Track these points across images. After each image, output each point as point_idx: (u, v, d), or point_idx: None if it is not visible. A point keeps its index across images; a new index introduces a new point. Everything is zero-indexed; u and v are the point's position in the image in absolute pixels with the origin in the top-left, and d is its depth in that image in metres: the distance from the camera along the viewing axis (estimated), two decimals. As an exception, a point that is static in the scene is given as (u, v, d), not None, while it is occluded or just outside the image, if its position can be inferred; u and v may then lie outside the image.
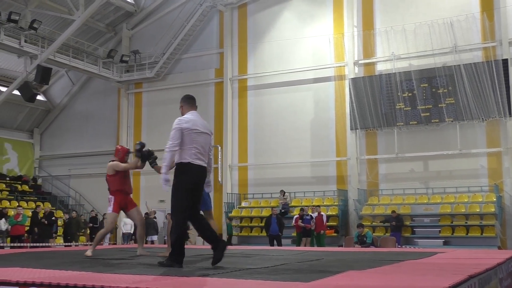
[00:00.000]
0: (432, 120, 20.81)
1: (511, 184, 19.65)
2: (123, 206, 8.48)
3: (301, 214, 18.89)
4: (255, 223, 22.88)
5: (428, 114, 20.84)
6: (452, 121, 20.45)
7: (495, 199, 19.28)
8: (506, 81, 19.63)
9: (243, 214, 23.39)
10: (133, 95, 27.95)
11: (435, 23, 20.98)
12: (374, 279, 4.62)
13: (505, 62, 19.83)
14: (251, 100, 24.73)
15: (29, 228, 20.07)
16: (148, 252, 8.59)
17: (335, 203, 21.79)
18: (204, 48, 26.19)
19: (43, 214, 20.28)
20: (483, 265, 5.60)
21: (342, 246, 19.17)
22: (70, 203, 28.29)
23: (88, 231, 22.85)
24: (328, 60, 23.04)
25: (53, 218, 20.43)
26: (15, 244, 18.40)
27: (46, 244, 18.74)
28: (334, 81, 22.87)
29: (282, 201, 21.90)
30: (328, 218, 20.81)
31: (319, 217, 18.73)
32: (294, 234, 19.36)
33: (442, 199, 20.55)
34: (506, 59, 19.84)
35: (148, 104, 27.39)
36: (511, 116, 19.57)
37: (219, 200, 24.06)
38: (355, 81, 22.21)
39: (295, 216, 19.19)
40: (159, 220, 22.78)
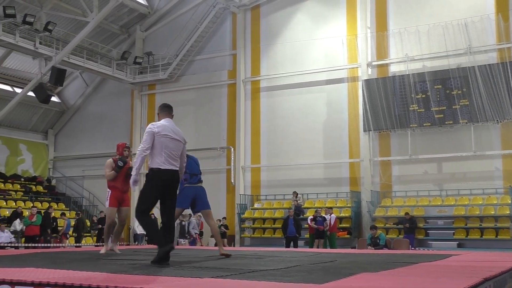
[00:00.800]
0: (446, 122, 20.66)
1: (526, 187, 19.46)
2: (120, 201, 8.66)
3: (314, 215, 18.89)
4: (268, 225, 22.90)
5: (442, 115, 20.69)
6: (466, 122, 20.29)
7: (510, 202, 19.13)
8: (521, 82, 19.48)
9: (255, 215, 23.40)
10: (146, 97, 28.08)
11: (449, 24, 20.83)
12: (387, 281, 4.59)
13: (520, 63, 19.65)
14: (263, 101, 24.73)
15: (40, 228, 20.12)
16: (119, 252, 8.60)
17: (348, 205, 21.74)
18: (217, 49, 26.24)
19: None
20: (498, 267, 5.56)
21: (355, 248, 19.12)
22: (83, 204, 28.48)
23: (96, 232, 22.84)
24: (341, 61, 22.97)
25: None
26: (29, 245, 18.55)
27: (46, 245, 18.89)
28: (347, 82, 22.79)
29: (294, 202, 21.87)
30: (341, 220, 20.75)
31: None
32: (307, 236, 19.35)
33: (456, 201, 20.40)
34: (522, 61, 19.67)
35: (161, 105, 27.41)
36: (526, 117, 19.41)
37: (232, 202, 24.13)
38: (368, 82, 22.11)
39: (309, 218, 19.18)
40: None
